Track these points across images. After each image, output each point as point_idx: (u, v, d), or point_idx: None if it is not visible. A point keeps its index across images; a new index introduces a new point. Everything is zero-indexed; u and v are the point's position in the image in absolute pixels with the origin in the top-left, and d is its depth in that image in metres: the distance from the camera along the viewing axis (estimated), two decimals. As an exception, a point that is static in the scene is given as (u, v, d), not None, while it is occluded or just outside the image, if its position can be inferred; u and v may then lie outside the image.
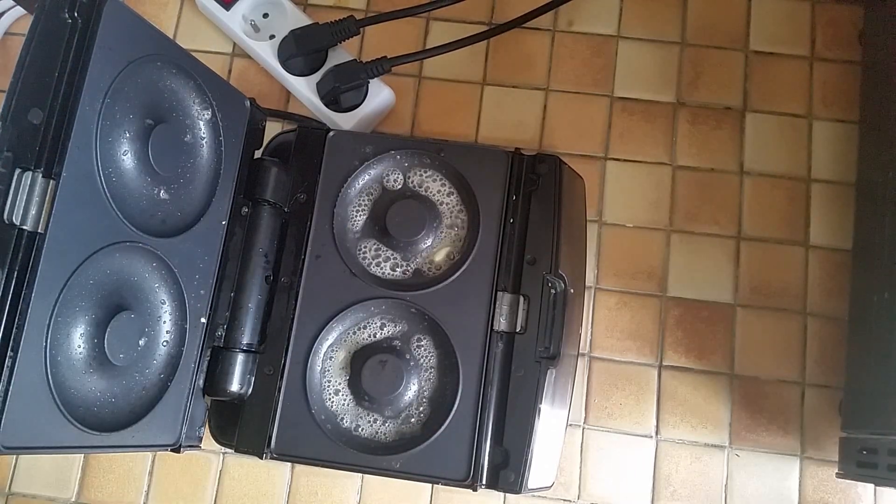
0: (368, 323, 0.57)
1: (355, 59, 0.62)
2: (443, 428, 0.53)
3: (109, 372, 0.46)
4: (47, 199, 0.40)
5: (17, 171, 0.40)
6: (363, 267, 0.57)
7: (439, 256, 0.58)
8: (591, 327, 0.61)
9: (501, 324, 0.55)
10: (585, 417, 0.60)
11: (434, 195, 0.59)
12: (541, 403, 0.53)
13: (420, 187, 0.59)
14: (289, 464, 0.59)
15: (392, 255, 0.58)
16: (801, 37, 0.66)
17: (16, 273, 0.39)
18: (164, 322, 0.51)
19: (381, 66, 0.61)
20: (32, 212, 0.40)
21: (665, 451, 0.59)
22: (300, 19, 0.64)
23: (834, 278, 0.61)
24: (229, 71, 0.67)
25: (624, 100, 0.65)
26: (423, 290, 0.56)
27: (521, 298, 0.55)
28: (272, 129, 0.63)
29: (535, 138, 0.65)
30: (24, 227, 0.40)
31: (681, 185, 0.63)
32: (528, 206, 0.57)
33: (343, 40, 0.63)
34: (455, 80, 0.66)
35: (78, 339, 0.44)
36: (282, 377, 0.55)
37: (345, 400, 0.56)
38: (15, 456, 0.60)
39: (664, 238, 0.62)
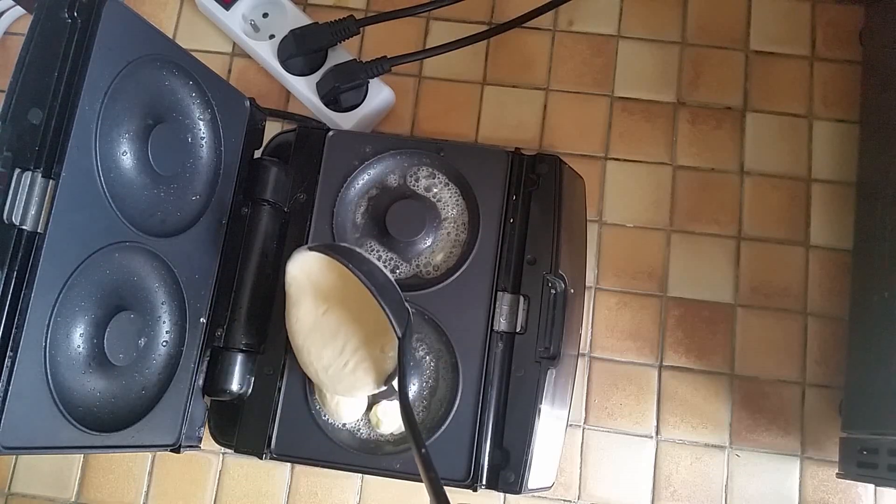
0: (368, 323, 0.57)
1: (355, 59, 0.62)
2: (443, 428, 0.53)
3: (109, 372, 0.46)
4: (47, 198, 0.40)
5: (17, 171, 0.40)
6: (363, 267, 0.57)
7: (439, 257, 0.58)
8: (591, 327, 0.61)
9: (501, 324, 0.54)
10: (585, 417, 0.60)
11: (434, 195, 0.59)
12: (541, 403, 0.53)
13: (420, 187, 0.59)
14: (289, 464, 0.59)
15: (392, 255, 0.58)
16: (802, 37, 0.66)
17: (16, 273, 0.39)
18: (164, 322, 0.51)
19: (381, 66, 0.61)
20: (32, 212, 0.40)
21: (665, 452, 0.59)
22: (300, 19, 0.64)
23: (834, 278, 0.61)
24: (229, 71, 0.67)
25: (624, 100, 0.65)
26: (422, 290, 0.56)
27: (521, 298, 0.55)
28: (272, 128, 0.63)
29: (535, 138, 0.65)
30: (24, 227, 0.40)
31: (681, 185, 0.63)
32: (528, 206, 0.57)
33: (343, 40, 0.63)
34: (455, 80, 0.66)
35: (78, 339, 0.44)
36: (282, 377, 0.55)
37: (345, 400, 0.56)
38: (15, 456, 0.60)
39: (664, 238, 0.62)
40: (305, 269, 0.50)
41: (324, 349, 0.50)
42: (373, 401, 0.55)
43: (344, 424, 0.55)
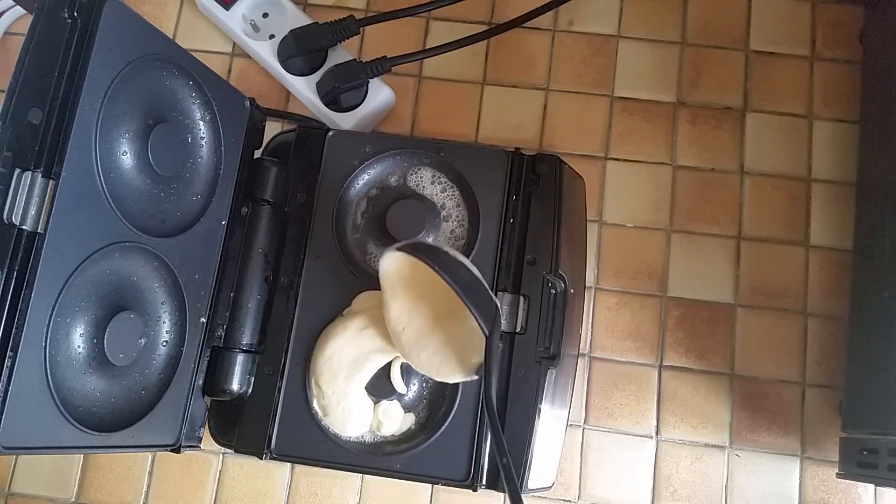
0: (368, 323, 0.57)
1: (355, 59, 0.62)
2: (443, 428, 0.53)
3: (109, 372, 0.46)
4: (47, 199, 0.40)
5: (17, 171, 0.40)
6: (363, 267, 0.57)
7: (439, 256, 0.57)
8: (591, 327, 0.61)
9: (502, 324, 0.54)
10: (585, 417, 0.60)
11: (434, 195, 0.59)
12: (541, 403, 0.53)
13: (420, 187, 0.59)
14: (289, 464, 0.59)
15: (392, 255, 0.58)
16: (802, 37, 0.66)
17: (16, 273, 0.39)
18: (164, 322, 0.51)
19: (381, 66, 0.61)
20: (32, 212, 0.40)
21: (665, 452, 0.59)
22: (300, 19, 0.64)
23: (834, 278, 0.61)
24: (229, 71, 0.67)
25: (624, 100, 0.65)
26: (423, 290, 0.55)
27: (521, 298, 0.55)
28: (272, 128, 0.63)
29: (535, 138, 0.65)
30: (24, 227, 0.40)
31: (681, 185, 0.63)
32: (528, 206, 0.57)
33: (343, 40, 0.63)
34: (455, 80, 0.66)
35: (78, 339, 0.44)
36: (282, 377, 0.55)
37: (345, 400, 0.56)
38: (15, 456, 0.60)
39: (664, 238, 0.62)
40: (397, 266, 0.50)
41: (419, 341, 0.51)
42: (375, 400, 0.55)
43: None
